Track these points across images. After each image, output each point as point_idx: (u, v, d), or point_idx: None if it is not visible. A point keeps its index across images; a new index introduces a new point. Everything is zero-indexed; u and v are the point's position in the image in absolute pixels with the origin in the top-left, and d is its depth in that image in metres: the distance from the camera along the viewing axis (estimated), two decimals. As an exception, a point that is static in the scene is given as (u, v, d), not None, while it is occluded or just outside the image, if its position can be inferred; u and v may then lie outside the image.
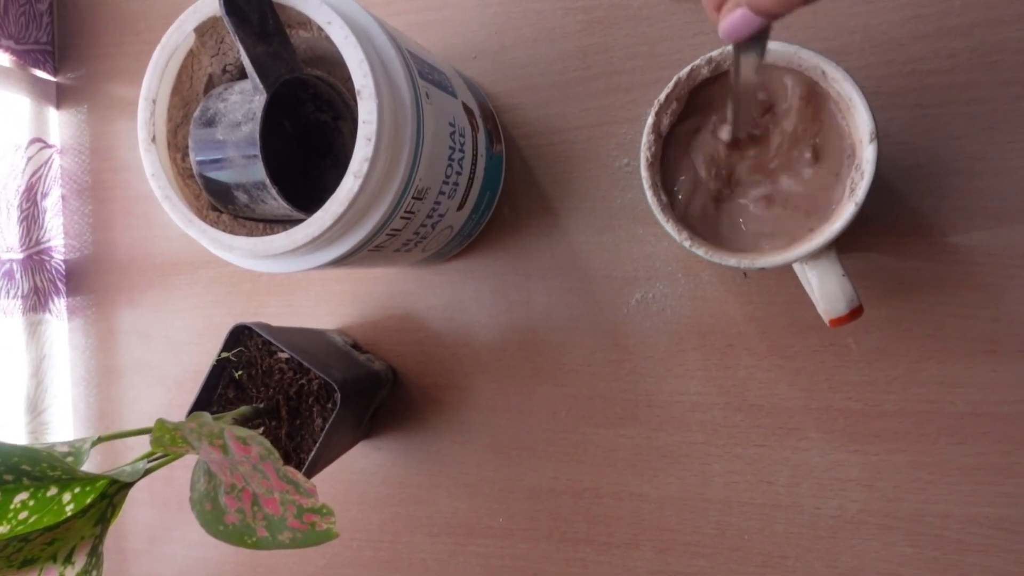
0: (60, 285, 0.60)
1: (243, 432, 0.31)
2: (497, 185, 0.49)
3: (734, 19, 0.28)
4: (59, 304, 0.60)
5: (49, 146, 0.60)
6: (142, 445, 0.57)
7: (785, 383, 0.46)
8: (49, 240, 0.59)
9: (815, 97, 0.37)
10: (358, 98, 0.34)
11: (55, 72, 0.61)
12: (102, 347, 0.61)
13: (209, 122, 0.37)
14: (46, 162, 0.59)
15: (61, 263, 0.60)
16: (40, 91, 0.59)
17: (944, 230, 0.44)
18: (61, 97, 0.61)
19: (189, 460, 0.57)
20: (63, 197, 0.61)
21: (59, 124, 0.61)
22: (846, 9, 0.45)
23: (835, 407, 0.46)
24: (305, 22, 0.39)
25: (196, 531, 0.58)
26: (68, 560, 0.35)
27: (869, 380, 0.45)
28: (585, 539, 0.50)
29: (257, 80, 0.35)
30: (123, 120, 0.60)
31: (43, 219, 0.59)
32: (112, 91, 0.61)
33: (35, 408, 0.58)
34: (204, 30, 0.38)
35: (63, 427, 0.60)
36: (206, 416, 0.31)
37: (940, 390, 0.44)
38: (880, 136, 0.35)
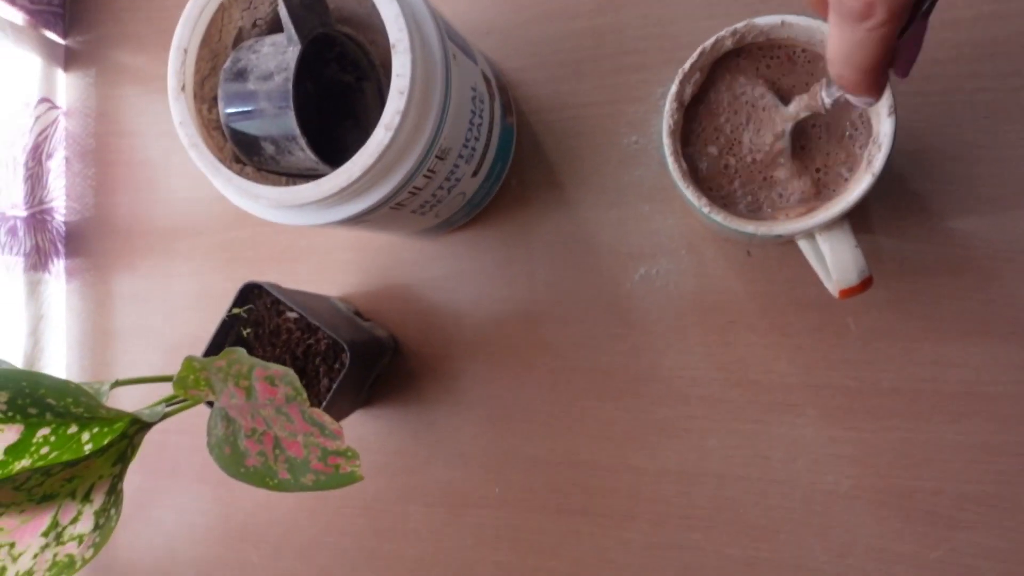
0: (60, 246, 0.60)
1: (274, 368, 0.31)
2: (508, 156, 0.50)
3: (913, 44, 0.26)
4: (58, 265, 0.60)
5: (56, 107, 0.59)
6: (140, 405, 0.57)
7: (784, 360, 0.47)
8: (51, 201, 0.59)
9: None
10: (392, 52, 0.35)
11: (64, 35, 0.61)
12: (99, 310, 0.60)
13: (239, 73, 0.37)
14: (52, 123, 0.59)
15: (62, 224, 0.60)
16: (49, 52, 0.59)
17: (943, 214, 0.45)
18: (69, 60, 0.61)
19: (181, 424, 0.57)
20: (67, 159, 0.61)
21: (66, 87, 0.61)
22: None
23: (832, 385, 0.47)
24: (335, -19, 0.40)
25: (186, 497, 0.58)
26: (87, 498, 0.35)
27: (866, 359, 0.46)
28: (580, 511, 0.51)
29: (292, 31, 0.35)
30: (130, 85, 0.60)
31: (47, 179, 0.58)
32: (120, 57, 0.61)
33: (31, 367, 0.57)
34: (237, -18, 0.38)
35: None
36: (240, 351, 0.32)
37: (935, 370, 0.45)
38: (897, 111, 0.36)
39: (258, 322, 0.48)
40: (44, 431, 0.33)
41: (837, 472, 0.47)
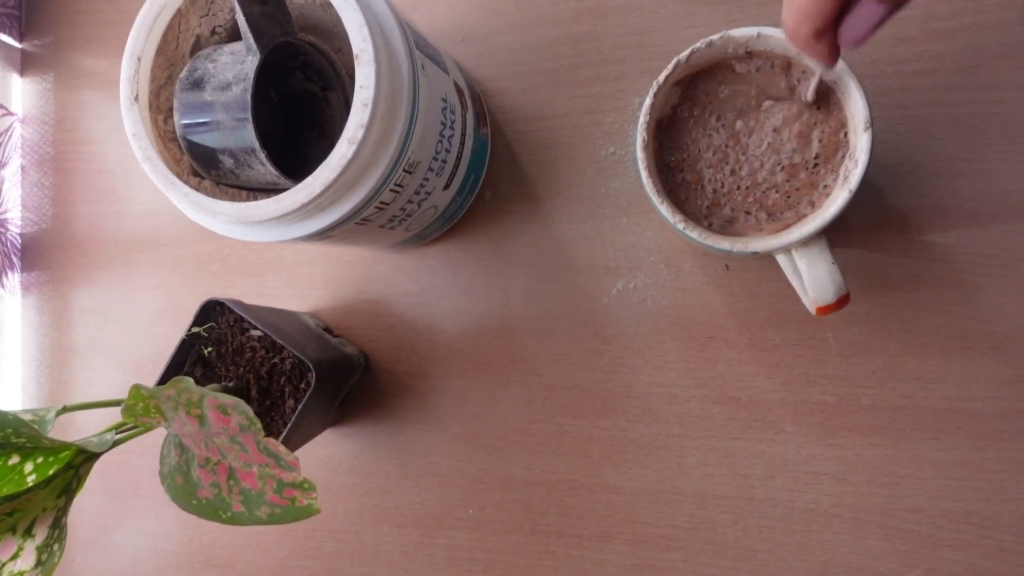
0: (15, 259, 0.57)
1: (225, 399, 0.29)
2: (482, 168, 0.49)
3: (863, 20, 0.24)
4: (13, 279, 0.57)
5: (11, 114, 0.57)
6: (98, 425, 0.55)
7: (763, 376, 0.46)
8: (6, 212, 0.57)
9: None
10: (356, 63, 0.33)
11: (21, 38, 0.59)
12: (56, 325, 0.58)
13: (196, 83, 0.35)
14: (7, 130, 0.57)
15: (17, 236, 0.58)
16: (5, 57, 0.57)
17: (923, 228, 0.44)
18: (26, 64, 0.59)
19: (143, 444, 0.55)
20: (23, 168, 0.59)
21: (22, 92, 0.59)
22: (832, 9, 0.45)
23: (812, 401, 0.46)
24: (298, -13, 0.38)
25: (148, 520, 0.56)
26: (28, 533, 0.33)
27: (846, 375, 0.45)
28: (557, 531, 0.49)
29: (251, 40, 0.34)
30: (90, 91, 0.58)
31: (1, 189, 0.56)
32: (80, 61, 0.58)
33: (-16, 386, 0.55)
34: (194, -12, 0.37)
35: (12, 408, 0.58)
36: (188, 381, 0.30)
37: (915, 386, 0.44)
38: (875, 125, 0.35)
39: (221, 340, 0.46)
40: (-17, 463, 0.31)
41: (817, 490, 0.46)
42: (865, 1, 0.23)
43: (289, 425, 0.43)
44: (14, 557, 0.32)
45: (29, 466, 0.33)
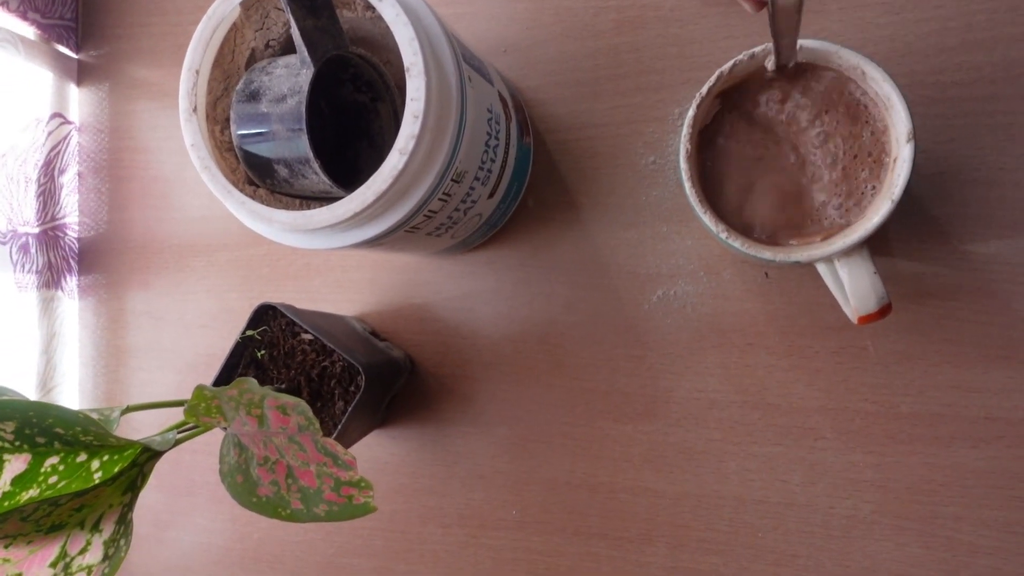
0: (73, 263, 0.60)
1: (286, 399, 0.31)
2: (524, 176, 0.50)
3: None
4: (71, 282, 0.60)
5: (68, 122, 0.59)
6: (153, 424, 0.56)
7: (803, 383, 0.47)
8: (64, 217, 0.59)
9: (850, 97, 0.37)
10: (407, 76, 0.34)
11: (77, 49, 0.61)
12: (112, 327, 0.60)
13: (253, 95, 0.37)
14: (65, 138, 0.59)
15: (75, 241, 0.60)
16: (62, 67, 0.59)
17: (963, 237, 0.44)
18: (82, 74, 0.61)
19: (196, 443, 0.57)
20: (79, 174, 0.61)
21: (79, 101, 0.61)
22: (873, 19, 0.46)
23: (851, 408, 0.46)
24: (349, 2, 0.40)
25: (202, 516, 0.58)
26: (96, 528, 0.34)
27: (886, 383, 0.46)
28: (599, 533, 0.50)
29: (306, 53, 0.35)
30: (144, 100, 0.60)
31: (59, 195, 0.58)
32: (134, 71, 0.60)
33: (44, 386, 0.57)
34: (250, 4, 0.38)
35: (72, 406, 0.60)
36: (251, 382, 0.31)
37: (955, 394, 0.45)
38: (917, 136, 0.35)
39: (273, 343, 0.47)
40: (52, 460, 0.33)
41: (857, 497, 0.46)
42: None
43: (339, 426, 0.45)
44: (83, 551, 0.34)
45: (96, 463, 0.34)
